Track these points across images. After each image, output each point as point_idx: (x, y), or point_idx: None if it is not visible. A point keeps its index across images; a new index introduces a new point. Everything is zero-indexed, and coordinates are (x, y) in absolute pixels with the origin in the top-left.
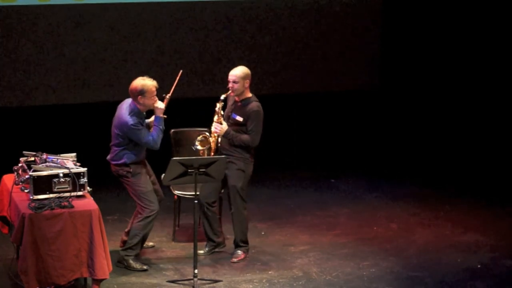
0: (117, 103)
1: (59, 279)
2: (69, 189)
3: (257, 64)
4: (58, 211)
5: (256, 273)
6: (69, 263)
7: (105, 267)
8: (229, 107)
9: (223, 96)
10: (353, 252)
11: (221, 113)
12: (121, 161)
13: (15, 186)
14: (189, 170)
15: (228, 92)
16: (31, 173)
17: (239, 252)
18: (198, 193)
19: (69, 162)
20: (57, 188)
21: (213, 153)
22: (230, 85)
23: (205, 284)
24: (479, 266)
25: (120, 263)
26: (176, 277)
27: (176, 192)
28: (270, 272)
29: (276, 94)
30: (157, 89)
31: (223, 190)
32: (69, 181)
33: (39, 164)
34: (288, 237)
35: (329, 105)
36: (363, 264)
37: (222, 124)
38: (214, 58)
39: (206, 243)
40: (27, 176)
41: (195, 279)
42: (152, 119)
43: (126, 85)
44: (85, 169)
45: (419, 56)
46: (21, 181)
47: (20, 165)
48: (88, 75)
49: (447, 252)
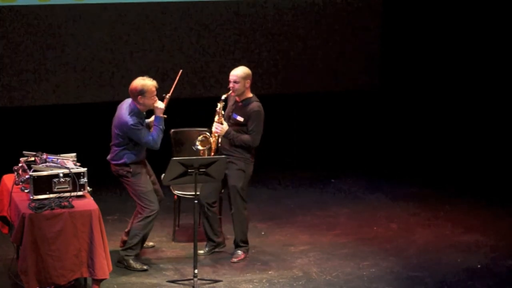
0: (117, 103)
1: (59, 279)
2: (69, 189)
3: (257, 64)
4: (58, 211)
5: (256, 273)
6: (69, 263)
7: (105, 267)
8: (230, 107)
9: (224, 96)
10: (353, 252)
11: (222, 113)
12: (121, 161)
13: (15, 186)
14: (189, 170)
15: (229, 92)
16: (31, 173)
17: (239, 252)
18: (198, 193)
19: (69, 162)
20: (57, 188)
21: (213, 153)
22: (231, 85)
23: (205, 284)
24: (479, 266)
25: (120, 263)
26: (176, 277)
27: (176, 192)
28: (270, 272)
29: (276, 94)
30: (157, 89)
31: (223, 190)
32: (69, 181)
33: (39, 164)
34: (288, 237)
35: (329, 105)
36: (363, 264)
37: (222, 124)
38: (214, 58)
39: (206, 243)
40: (27, 176)
41: (195, 279)
42: (152, 119)
43: (126, 85)
44: (85, 169)
45: (419, 56)
46: (21, 181)
47: (20, 165)
48: (88, 75)
49: (447, 252)
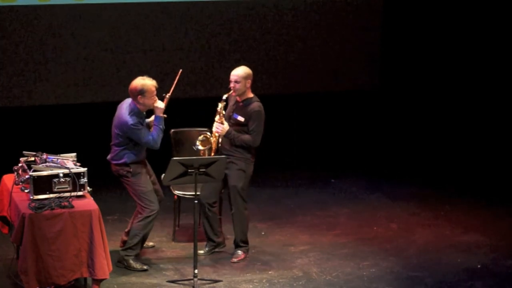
0: (117, 103)
1: (59, 279)
2: (69, 189)
3: (257, 64)
4: (58, 211)
5: (256, 273)
6: (69, 263)
7: (105, 267)
8: (231, 107)
9: (225, 96)
10: (353, 252)
11: (222, 113)
12: (122, 161)
13: (15, 186)
14: (189, 170)
15: (229, 92)
16: (31, 173)
17: (239, 252)
18: (198, 193)
19: (69, 162)
20: (57, 188)
21: (213, 153)
22: (231, 85)
23: (205, 284)
24: (479, 266)
25: (120, 263)
26: (176, 277)
27: (176, 192)
28: (270, 272)
29: (276, 94)
30: (157, 88)
31: (223, 190)
32: (69, 181)
33: (39, 164)
34: (288, 237)
35: (329, 105)
36: (363, 264)
37: (223, 124)
38: (214, 58)
39: (206, 243)
40: (27, 176)
41: (195, 279)
42: (152, 118)
43: (126, 85)
44: (85, 169)
45: (419, 56)
46: (21, 181)
47: (20, 165)
48: (88, 75)
49: (447, 252)
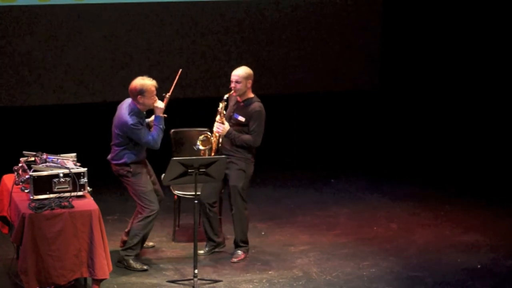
0: (117, 103)
1: (59, 279)
2: (69, 189)
3: (257, 64)
4: (58, 211)
5: (256, 273)
6: (69, 263)
7: (105, 267)
8: (231, 107)
9: (225, 96)
10: (353, 252)
11: (223, 113)
12: (122, 160)
13: (15, 186)
14: (189, 170)
15: (230, 92)
16: (31, 173)
17: (239, 252)
18: (198, 193)
19: (69, 162)
20: (57, 188)
21: (213, 153)
22: (232, 85)
23: (205, 284)
24: (479, 266)
25: (120, 263)
26: (176, 277)
27: (176, 192)
28: (270, 272)
29: (276, 94)
30: (157, 88)
31: (223, 190)
32: (69, 181)
33: (39, 164)
34: (288, 237)
35: (329, 105)
36: (363, 264)
37: (224, 124)
38: (214, 58)
39: (206, 243)
40: (27, 176)
41: (195, 279)
42: (152, 118)
43: (126, 85)
44: (85, 169)
45: (419, 56)
46: (21, 181)
47: (20, 165)
48: (88, 75)
49: (447, 252)
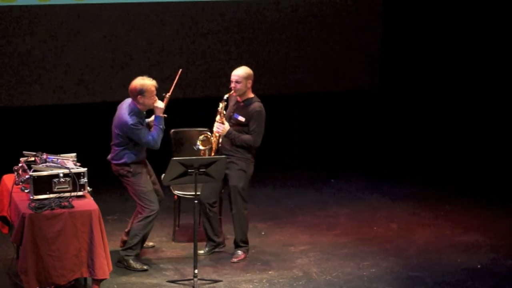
0: (117, 103)
1: (59, 279)
2: (69, 189)
3: (257, 64)
4: (58, 211)
5: (256, 273)
6: (69, 263)
7: (105, 267)
8: (231, 107)
9: (226, 96)
10: (353, 252)
11: (223, 113)
12: (122, 160)
13: (15, 186)
14: (189, 170)
15: (230, 92)
16: (31, 173)
17: (239, 252)
18: (198, 193)
19: (69, 162)
20: (57, 188)
21: (213, 153)
22: (232, 85)
23: (205, 284)
24: (479, 266)
25: (120, 263)
26: (176, 277)
27: (176, 192)
28: (270, 272)
29: (276, 94)
30: (157, 88)
31: (223, 190)
32: (69, 181)
33: (39, 164)
34: (288, 237)
35: (329, 105)
36: (363, 264)
37: (224, 124)
38: (214, 58)
39: (206, 243)
40: (27, 176)
41: (195, 279)
42: (152, 118)
43: (126, 85)
44: (85, 169)
45: (419, 56)
46: (21, 181)
47: (20, 165)
48: (88, 75)
49: (447, 252)
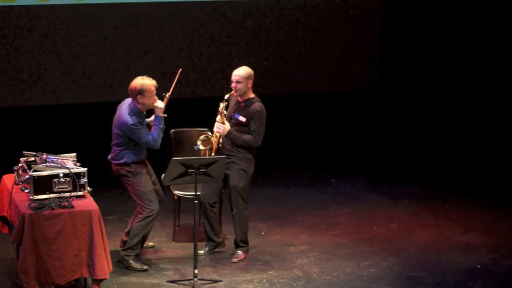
0: (117, 103)
1: (59, 279)
2: (69, 189)
3: (258, 64)
4: (58, 211)
5: (256, 273)
6: (69, 263)
7: (105, 267)
8: (232, 107)
9: (226, 96)
10: (353, 252)
11: (224, 113)
12: (122, 160)
13: (15, 186)
14: (189, 170)
15: (231, 92)
16: (31, 173)
17: (239, 252)
18: (198, 193)
19: (69, 162)
20: (57, 188)
21: (214, 153)
22: (233, 85)
23: (205, 284)
24: (479, 266)
25: (120, 263)
26: (176, 277)
27: (176, 192)
28: (270, 272)
29: (276, 94)
30: (157, 88)
31: (223, 190)
32: (69, 181)
33: (39, 164)
34: (288, 237)
35: (329, 105)
36: (363, 264)
37: (224, 124)
38: (215, 58)
39: (206, 243)
40: (27, 176)
41: (195, 279)
42: (152, 118)
43: (126, 85)
44: (85, 169)
45: (419, 56)
46: (21, 181)
47: (20, 165)
48: (88, 75)
49: (447, 252)
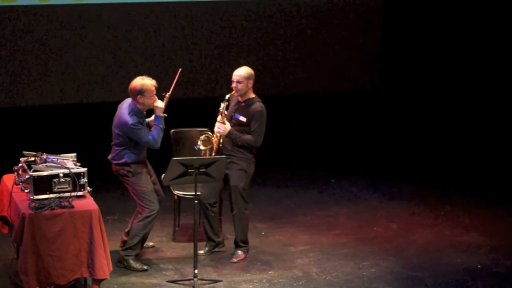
0: (117, 103)
1: (59, 279)
2: (69, 189)
3: (257, 64)
4: (58, 211)
5: (256, 273)
6: (69, 263)
7: (105, 267)
8: (232, 107)
9: (227, 96)
10: (353, 252)
11: (224, 113)
12: (122, 160)
13: (15, 186)
14: (189, 170)
15: (231, 92)
16: (31, 173)
17: (239, 252)
18: (198, 193)
19: (69, 162)
20: (57, 188)
21: (214, 153)
22: (233, 85)
23: (205, 284)
24: (479, 266)
25: (120, 263)
26: (176, 277)
27: (176, 192)
28: (270, 272)
29: (276, 94)
30: (157, 88)
31: (223, 190)
32: (69, 181)
33: (39, 164)
34: (288, 237)
35: (329, 105)
36: (363, 264)
37: (225, 124)
38: (214, 58)
39: (206, 243)
40: (27, 176)
41: (195, 279)
42: (152, 118)
43: (126, 85)
44: (85, 169)
45: (419, 56)
46: (21, 181)
47: (20, 165)
48: (88, 75)
49: (447, 252)
